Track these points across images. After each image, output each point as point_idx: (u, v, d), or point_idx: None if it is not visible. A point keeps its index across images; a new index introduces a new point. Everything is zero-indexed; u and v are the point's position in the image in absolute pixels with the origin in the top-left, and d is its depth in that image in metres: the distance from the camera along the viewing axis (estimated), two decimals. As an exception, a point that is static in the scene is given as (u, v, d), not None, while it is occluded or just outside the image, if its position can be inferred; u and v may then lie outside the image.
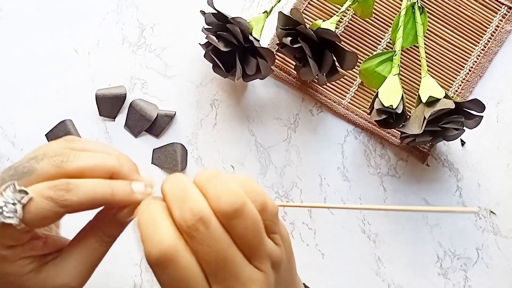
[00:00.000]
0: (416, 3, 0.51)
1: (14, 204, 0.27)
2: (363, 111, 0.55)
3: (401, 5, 0.53)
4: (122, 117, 0.54)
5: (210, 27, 0.49)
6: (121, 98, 0.53)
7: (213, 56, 0.49)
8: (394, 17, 0.54)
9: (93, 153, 0.30)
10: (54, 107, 0.53)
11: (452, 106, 0.45)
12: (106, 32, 0.55)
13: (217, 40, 0.47)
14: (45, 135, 0.53)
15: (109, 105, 0.53)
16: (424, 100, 0.48)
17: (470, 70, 0.55)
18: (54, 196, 0.27)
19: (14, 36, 0.54)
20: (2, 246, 0.29)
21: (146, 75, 0.54)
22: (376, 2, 0.54)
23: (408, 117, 0.50)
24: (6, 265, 0.30)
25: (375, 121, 0.49)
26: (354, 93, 0.55)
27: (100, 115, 0.53)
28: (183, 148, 0.53)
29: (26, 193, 0.27)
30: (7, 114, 0.53)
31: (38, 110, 0.53)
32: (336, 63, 0.49)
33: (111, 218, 0.32)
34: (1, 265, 0.30)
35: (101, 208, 0.32)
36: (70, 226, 0.35)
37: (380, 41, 0.55)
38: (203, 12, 0.49)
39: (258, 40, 0.47)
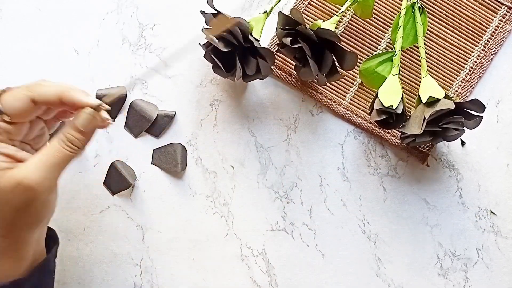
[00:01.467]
0: (416, 3, 0.51)
1: None
2: (363, 111, 0.54)
3: (401, 5, 0.53)
4: (122, 118, 0.54)
5: (210, 27, 0.49)
6: (122, 98, 0.53)
7: (213, 56, 0.49)
8: (394, 17, 0.54)
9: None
10: (54, 107, 0.53)
11: (452, 106, 0.45)
12: (106, 32, 0.55)
13: (217, 40, 0.47)
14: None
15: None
16: (424, 100, 0.48)
17: (470, 70, 0.55)
18: (27, 85, 0.38)
19: (14, 36, 0.54)
20: None
21: (146, 75, 0.54)
22: (376, 2, 0.54)
23: (408, 117, 0.50)
24: None
25: (375, 121, 0.49)
26: (354, 94, 0.55)
27: None
28: (183, 148, 0.53)
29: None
30: (7, 114, 0.53)
31: (38, 110, 0.53)
32: (336, 63, 0.49)
33: (73, 124, 0.38)
34: None
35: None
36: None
37: (380, 41, 0.55)
38: (203, 12, 0.49)
39: (258, 40, 0.47)
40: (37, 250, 0.41)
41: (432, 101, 0.47)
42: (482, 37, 0.55)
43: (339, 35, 0.53)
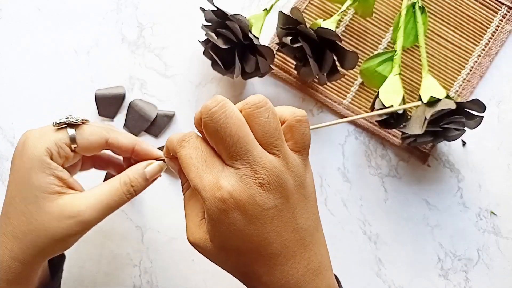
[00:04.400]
0: (417, 2, 0.51)
1: (77, 119, 0.37)
2: (364, 111, 0.54)
3: (401, 4, 0.53)
4: (121, 117, 0.53)
5: (210, 24, 0.49)
6: (120, 98, 0.53)
7: (212, 53, 0.48)
8: (394, 17, 0.54)
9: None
10: (53, 107, 0.53)
11: (453, 106, 0.45)
12: (105, 32, 0.54)
13: (216, 37, 0.47)
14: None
15: (108, 105, 0.53)
16: (425, 100, 0.48)
17: (471, 70, 0.55)
18: (106, 126, 0.39)
19: (14, 36, 0.54)
20: (47, 150, 0.35)
21: (145, 75, 0.54)
22: (376, 1, 0.54)
23: (409, 117, 0.50)
24: (39, 173, 0.35)
25: (376, 121, 0.49)
26: (355, 93, 0.55)
27: (99, 115, 0.53)
28: None
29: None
30: (7, 114, 0.53)
31: (38, 110, 0.53)
32: (337, 63, 0.48)
33: (139, 170, 0.38)
34: (34, 169, 0.35)
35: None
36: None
37: (381, 41, 0.55)
38: (202, 9, 0.49)
39: (258, 38, 0.47)
40: (43, 271, 0.40)
41: (433, 101, 0.47)
42: (482, 37, 0.55)
43: (339, 35, 0.53)
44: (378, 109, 0.48)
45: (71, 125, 0.37)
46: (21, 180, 0.35)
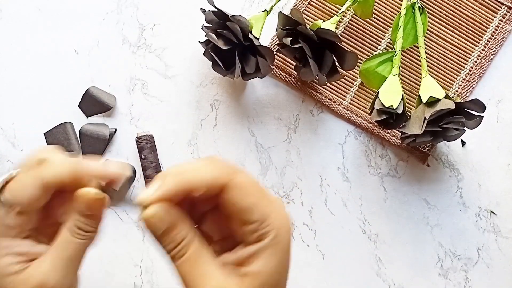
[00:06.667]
0: (416, 3, 0.51)
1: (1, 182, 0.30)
2: (364, 111, 0.54)
3: (401, 5, 0.53)
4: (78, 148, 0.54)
5: (210, 25, 0.49)
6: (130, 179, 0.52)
7: (212, 54, 0.49)
8: (394, 17, 0.54)
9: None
10: (54, 107, 0.53)
11: (453, 106, 0.45)
12: (106, 32, 0.54)
13: (216, 38, 0.47)
14: (44, 134, 0.53)
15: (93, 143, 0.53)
16: (424, 100, 0.48)
17: (470, 70, 0.55)
18: (34, 168, 0.30)
19: (14, 36, 0.54)
20: None
21: (146, 75, 0.54)
22: (376, 2, 0.54)
23: (408, 117, 0.50)
24: None
25: (376, 121, 0.49)
26: (355, 94, 0.55)
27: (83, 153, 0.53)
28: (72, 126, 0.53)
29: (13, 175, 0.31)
30: (7, 114, 0.53)
31: (38, 110, 0.53)
32: (336, 63, 0.48)
33: (81, 209, 0.31)
34: None
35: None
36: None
37: (380, 41, 0.55)
38: (203, 10, 0.49)
39: (258, 39, 0.47)
40: None
41: (433, 101, 0.47)
42: (482, 37, 0.55)
43: (339, 35, 0.53)
44: (378, 110, 0.48)
45: None
46: None
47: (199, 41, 0.50)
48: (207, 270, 0.29)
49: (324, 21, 0.50)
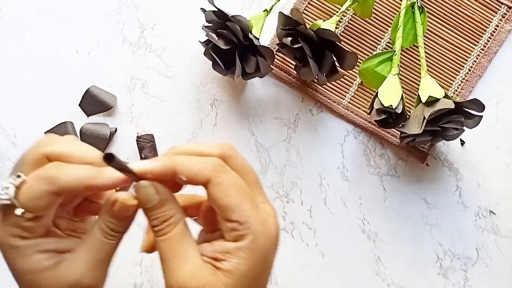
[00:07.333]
0: (416, 3, 0.51)
1: (7, 187, 0.28)
2: (363, 111, 0.55)
3: (400, 5, 0.53)
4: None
5: (210, 25, 0.49)
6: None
7: (212, 53, 0.49)
8: (393, 17, 0.54)
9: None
10: (54, 107, 0.54)
11: (452, 106, 0.46)
12: (106, 32, 0.55)
13: (217, 38, 0.47)
14: (45, 133, 0.53)
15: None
16: (423, 100, 0.48)
17: (469, 70, 0.55)
18: (45, 174, 0.29)
19: (14, 36, 0.54)
20: (13, 236, 0.29)
21: (146, 75, 0.54)
22: (375, 2, 0.54)
23: (407, 117, 0.50)
24: (21, 260, 0.30)
25: (375, 121, 0.49)
26: (354, 93, 0.55)
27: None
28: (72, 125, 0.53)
29: (20, 177, 0.29)
30: (7, 114, 0.54)
31: (38, 110, 0.54)
32: (336, 63, 0.49)
33: (111, 210, 0.32)
34: (15, 259, 0.30)
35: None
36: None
37: (380, 41, 0.55)
38: (203, 10, 0.49)
39: (258, 39, 0.47)
40: None
41: (432, 101, 0.47)
42: (481, 37, 0.55)
43: (339, 35, 0.53)
44: (377, 109, 0.48)
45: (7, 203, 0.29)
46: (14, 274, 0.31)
47: (199, 41, 0.50)
48: (186, 254, 0.29)
49: (324, 21, 0.50)
